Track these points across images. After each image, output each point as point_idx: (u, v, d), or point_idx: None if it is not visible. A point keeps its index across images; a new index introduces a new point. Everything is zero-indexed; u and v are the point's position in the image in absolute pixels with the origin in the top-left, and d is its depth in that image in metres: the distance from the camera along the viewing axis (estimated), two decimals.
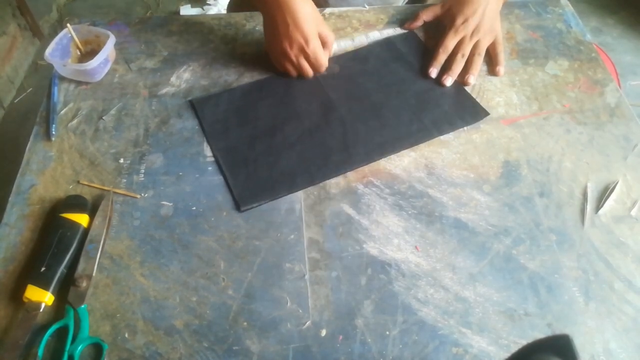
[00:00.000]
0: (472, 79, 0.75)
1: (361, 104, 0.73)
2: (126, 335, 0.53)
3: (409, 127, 0.70)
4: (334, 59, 0.78)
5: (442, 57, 0.76)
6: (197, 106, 0.72)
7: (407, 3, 0.98)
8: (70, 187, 0.64)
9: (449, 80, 0.74)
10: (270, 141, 0.68)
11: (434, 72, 0.76)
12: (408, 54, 0.79)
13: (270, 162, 0.66)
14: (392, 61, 0.78)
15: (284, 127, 0.70)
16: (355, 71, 0.77)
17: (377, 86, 0.75)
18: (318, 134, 0.69)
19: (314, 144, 0.68)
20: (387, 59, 0.79)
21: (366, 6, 0.87)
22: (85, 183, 0.64)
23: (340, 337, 0.54)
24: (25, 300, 0.54)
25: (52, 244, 0.57)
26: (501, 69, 0.76)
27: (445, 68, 0.76)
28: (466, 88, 0.75)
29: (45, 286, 0.54)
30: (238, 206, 0.62)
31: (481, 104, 0.73)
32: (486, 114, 0.72)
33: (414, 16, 0.83)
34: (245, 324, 0.54)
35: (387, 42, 0.81)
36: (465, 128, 0.70)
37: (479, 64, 0.76)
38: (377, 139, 0.69)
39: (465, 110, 0.72)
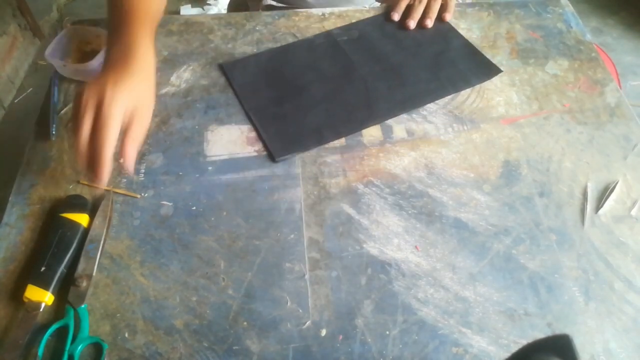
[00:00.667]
0: (429, 22, 0.82)
1: (381, 65, 0.78)
2: (126, 335, 0.53)
3: (428, 85, 0.75)
4: (351, 25, 0.83)
5: (403, 4, 0.84)
6: (226, 69, 0.76)
7: None
8: (70, 187, 0.64)
9: (412, 23, 0.82)
10: (297, 100, 0.73)
11: (396, 16, 0.83)
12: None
13: (299, 119, 0.71)
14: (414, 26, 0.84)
15: (309, 87, 0.74)
16: (374, 35, 0.82)
17: (395, 48, 0.80)
18: (342, 93, 0.74)
19: (338, 102, 0.73)
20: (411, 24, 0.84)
21: (366, 6, 0.87)
22: (86, 183, 0.64)
23: (340, 336, 0.54)
24: (25, 300, 0.54)
25: (52, 244, 0.57)
26: (448, 15, 0.83)
27: (407, 14, 0.83)
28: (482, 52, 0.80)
29: (45, 286, 0.54)
30: (272, 157, 0.67)
31: (481, 103, 0.73)
32: (498, 70, 0.77)
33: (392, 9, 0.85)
34: (245, 323, 0.54)
35: None
36: (465, 127, 0.71)
37: (436, 9, 0.83)
38: (397, 96, 0.73)
39: (479, 68, 0.77)
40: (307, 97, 0.73)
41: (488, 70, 0.77)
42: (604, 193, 0.65)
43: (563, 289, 0.57)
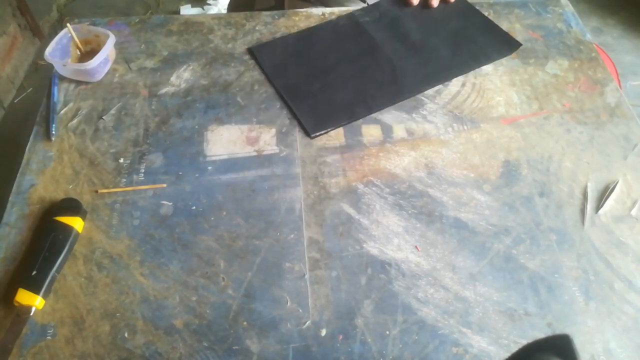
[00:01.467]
0: (434, 2, 0.85)
1: (404, 43, 0.81)
2: (126, 334, 0.53)
3: (451, 61, 0.78)
4: (372, 7, 0.86)
5: None
6: (255, 52, 0.79)
7: None
8: (70, 187, 0.64)
9: (434, 2, 0.85)
10: (327, 79, 0.76)
11: (415, 0, 0.86)
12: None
13: (330, 96, 0.74)
14: (426, 5, 0.86)
15: (337, 67, 0.77)
16: (394, 15, 0.85)
17: (416, 27, 0.83)
18: (369, 71, 0.77)
19: (366, 79, 0.76)
20: (422, 3, 0.86)
21: (368, 3, 0.87)
22: (105, 191, 0.63)
23: (340, 336, 0.54)
24: (16, 304, 0.53)
25: (44, 248, 0.56)
26: (434, 2, 0.85)
27: None
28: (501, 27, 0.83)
29: (35, 290, 0.53)
30: (308, 133, 0.69)
31: (481, 103, 0.73)
32: (518, 45, 0.80)
33: None
34: (245, 323, 0.54)
35: None
36: (465, 127, 0.71)
37: None
38: (423, 71, 0.77)
39: (499, 43, 0.81)
40: (335, 76, 0.76)
41: (508, 44, 0.80)
42: (604, 193, 0.65)
43: (563, 289, 0.57)
